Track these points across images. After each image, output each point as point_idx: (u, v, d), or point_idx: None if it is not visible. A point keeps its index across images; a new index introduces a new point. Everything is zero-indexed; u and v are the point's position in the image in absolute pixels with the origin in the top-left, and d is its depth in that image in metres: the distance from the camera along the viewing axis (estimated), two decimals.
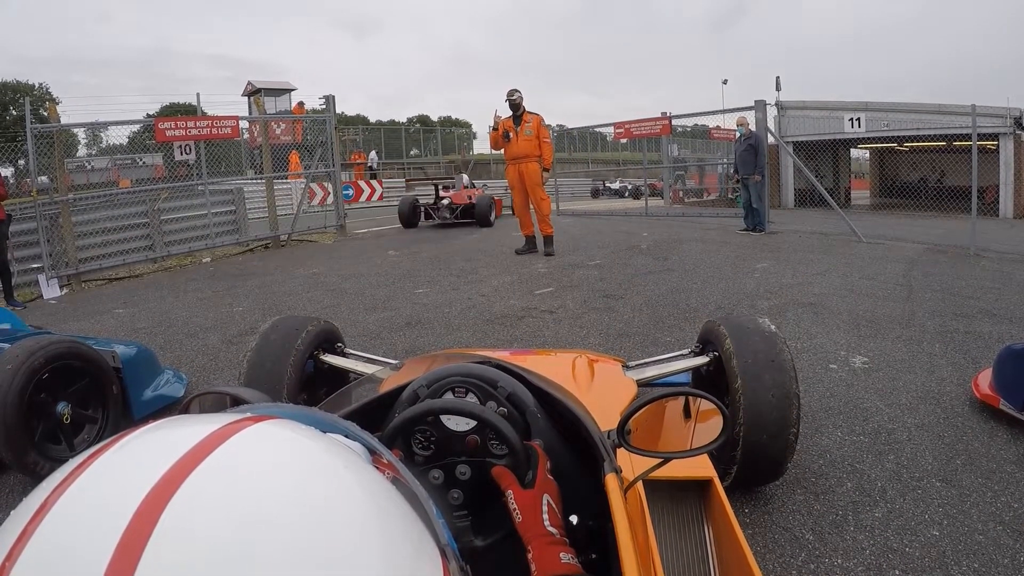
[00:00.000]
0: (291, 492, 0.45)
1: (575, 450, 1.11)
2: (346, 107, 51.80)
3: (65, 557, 0.40)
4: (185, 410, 1.05)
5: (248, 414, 0.55)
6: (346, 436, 0.66)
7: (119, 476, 0.45)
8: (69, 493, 0.44)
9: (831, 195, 9.64)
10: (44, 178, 7.87)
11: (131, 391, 2.90)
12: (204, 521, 0.41)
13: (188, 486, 0.43)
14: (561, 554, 0.85)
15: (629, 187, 23.61)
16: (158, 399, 3.08)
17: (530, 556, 0.85)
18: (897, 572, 1.86)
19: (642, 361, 2.41)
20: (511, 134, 7.24)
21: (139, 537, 0.39)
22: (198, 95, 8.93)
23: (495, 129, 7.41)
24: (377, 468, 0.58)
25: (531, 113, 7.31)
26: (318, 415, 0.66)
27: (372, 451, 0.66)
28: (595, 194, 24.43)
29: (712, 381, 2.25)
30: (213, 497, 0.43)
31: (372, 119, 41.11)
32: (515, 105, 7.20)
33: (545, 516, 0.90)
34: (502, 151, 7.63)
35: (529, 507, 0.91)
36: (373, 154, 26.25)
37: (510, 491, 0.93)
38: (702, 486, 1.48)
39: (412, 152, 32.57)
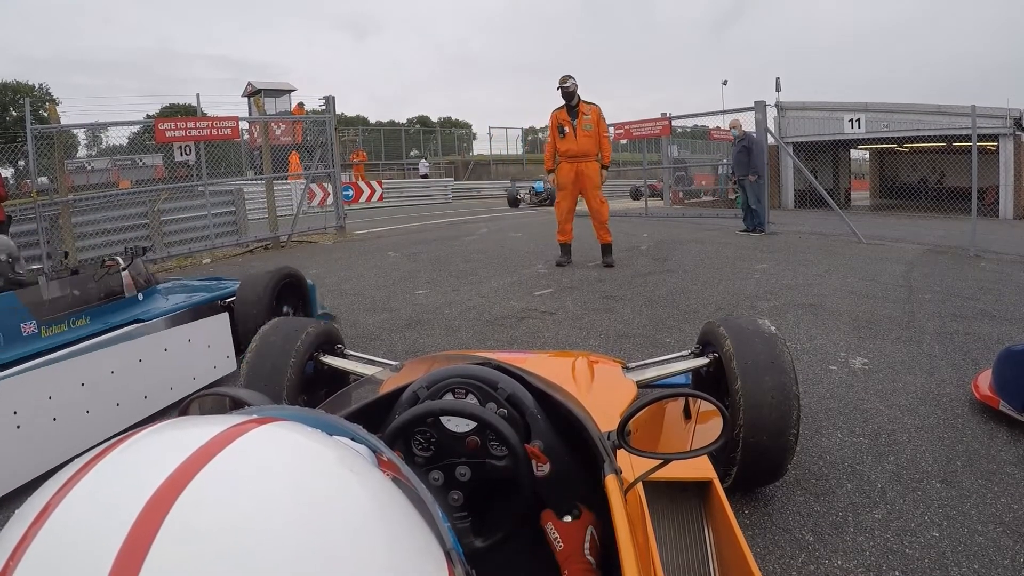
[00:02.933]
0: (297, 495, 0.45)
1: (575, 451, 1.11)
2: (346, 108, 51.69)
3: (68, 557, 0.39)
4: (184, 412, 1.04)
5: (254, 416, 0.55)
6: (352, 439, 0.66)
7: (124, 477, 0.45)
8: (73, 493, 0.44)
9: (831, 196, 9.65)
10: (44, 179, 7.88)
11: (313, 305, 4.34)
12: (209, 523, 0.41)
13: (194, 487, 0.42)
14: None
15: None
16: (323, 316, 4.47)
17: None
18: (897, 573, 1.85)
19: (642, 362, 2.41)
20: (566, 128, 6.35)
21: (144, 538, 0.39)
22: (198, 96, 8.92)
23: (550, 139, 6.52)
24: (383, 471, 0.58)
25: (587, 103, 6.37)
26: (324, 417, 0.66)
27: (377, 453, 0.66)
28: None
29: (712, 382, 2.25)
30: (219, 499, 0.43)
31: (372, 120, 41.10)
32: (569, 94, 6.29)
33: (587, 546, 0.96)
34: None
35: (573, 537, 0.97)
36: (424, 162, 26.54)
37: (550, 524, 0.99)
38: (702, 487, 1.48)
39: (412, 153, 32.59)
